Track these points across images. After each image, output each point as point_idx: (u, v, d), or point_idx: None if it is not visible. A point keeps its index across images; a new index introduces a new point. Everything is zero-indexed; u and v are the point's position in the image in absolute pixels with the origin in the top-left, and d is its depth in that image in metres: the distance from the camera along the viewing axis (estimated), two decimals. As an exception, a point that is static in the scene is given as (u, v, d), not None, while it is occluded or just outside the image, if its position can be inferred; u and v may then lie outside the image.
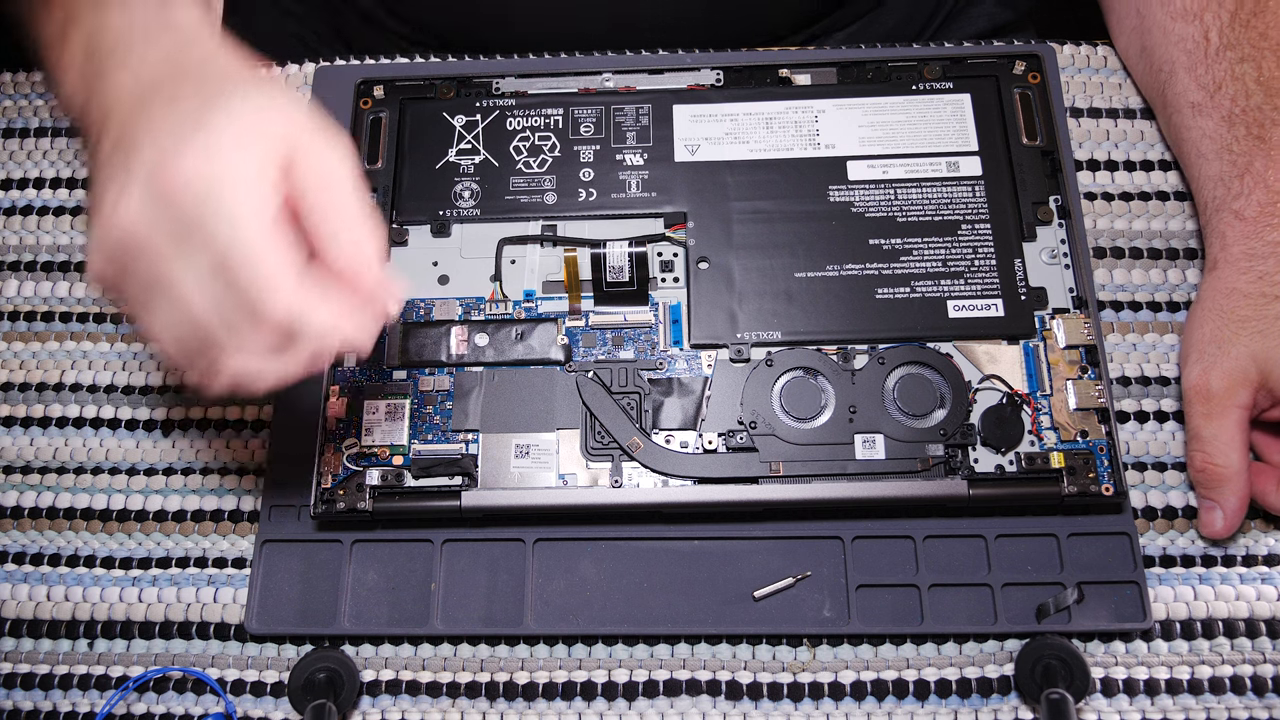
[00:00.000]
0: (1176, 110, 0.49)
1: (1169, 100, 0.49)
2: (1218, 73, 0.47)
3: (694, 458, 0.46)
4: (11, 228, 0.56)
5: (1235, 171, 0.45)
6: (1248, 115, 0.45)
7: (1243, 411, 0.44)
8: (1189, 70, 0.48)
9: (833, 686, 0.46)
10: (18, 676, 0.47)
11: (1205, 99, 0.47)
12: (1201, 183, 0.47)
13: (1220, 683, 0.45)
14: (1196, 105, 0.47)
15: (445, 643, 0.47)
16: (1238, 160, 0.45)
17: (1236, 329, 0.43)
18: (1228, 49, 0.46)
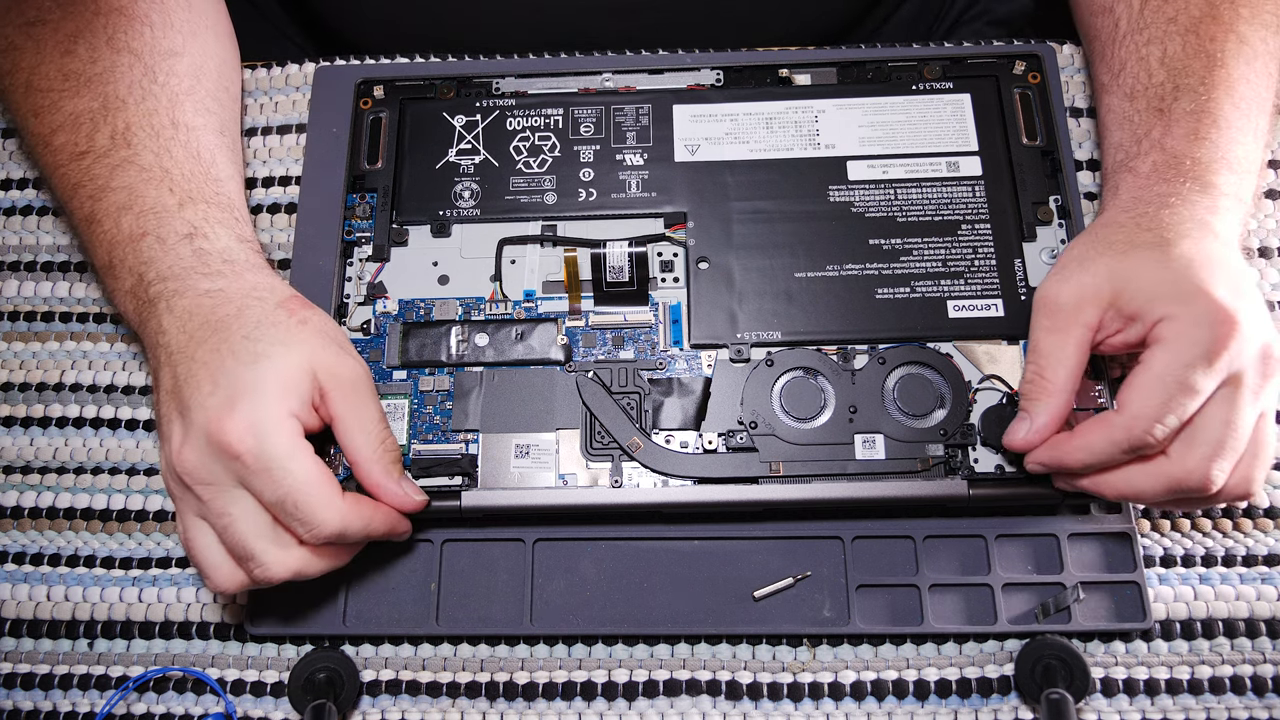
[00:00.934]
0: (1097, 88, 0.51)
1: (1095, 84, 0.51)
2: (1122, 54, 0.49)
3: (694, 458, 0.46)
4: (11, 228, 0.56)
5: (1134, 139, 0.47)
6: (1149, 91, 0.47)
7: (1086, 331, 0.42)
8: (1100, 57, 0.50)
9: (833, 686, 0.46)
10: (18, 676, 0.47)
11: (1110, 80, 0.49)
12: (1105, 151, 0.48)
13: (1220, 683, 0.45)
14: (1103, 85, 0.49)
15: (445, 643, 0.47)
16: (1136, 130, 0.47)
17: (1101, 250, 0.43)
18: (1134, 33, 0.48)
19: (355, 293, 0.50)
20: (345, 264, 0.50)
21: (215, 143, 0.49)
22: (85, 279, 0.55)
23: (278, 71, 0.58)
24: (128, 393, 0.52)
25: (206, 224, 0.46)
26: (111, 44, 0.49)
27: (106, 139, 0.47)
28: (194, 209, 0.46)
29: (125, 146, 0.47)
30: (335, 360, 0.43)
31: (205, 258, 0.45)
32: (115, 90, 0.48)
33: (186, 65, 0.50)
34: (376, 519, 0.43)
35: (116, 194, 0.46)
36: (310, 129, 0.56)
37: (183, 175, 0.47)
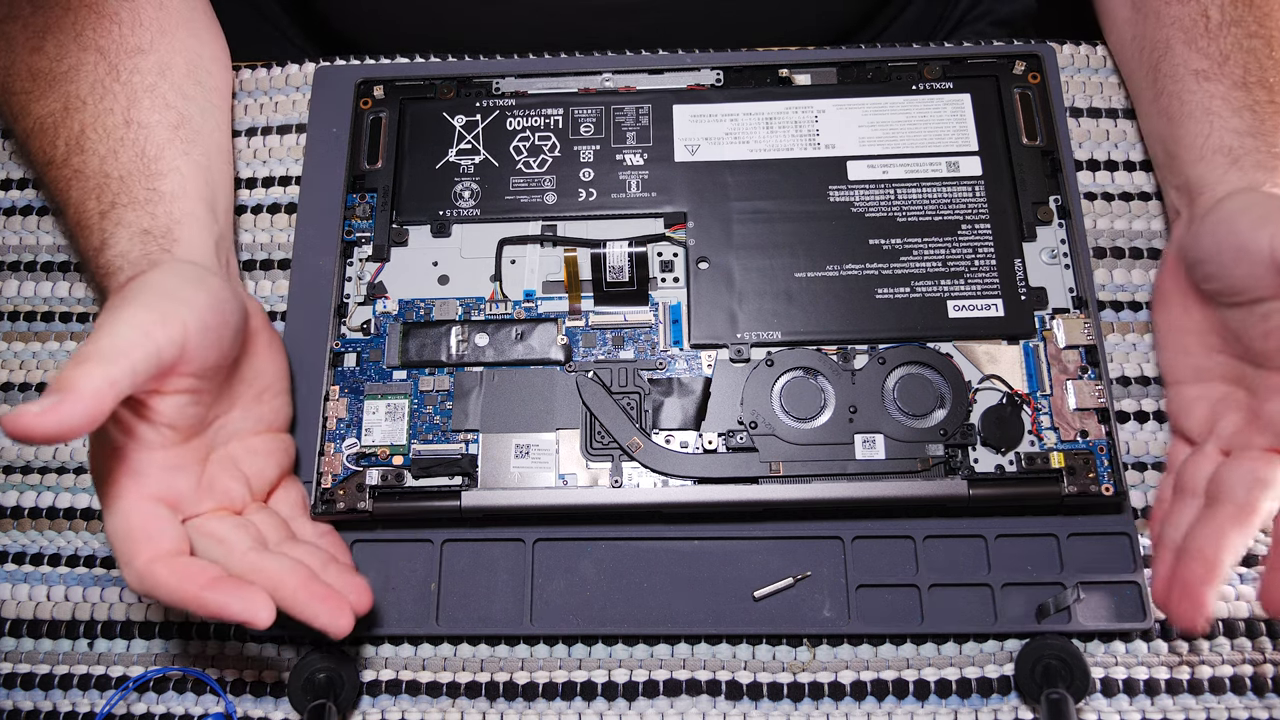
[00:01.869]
0: (1175, 79, 0.49)
1: (1164, 73, 0.49)
2: (1224, 45, 0.47)
3: (694, 458, 0.46)
4: (11, 228, 0.56)
5: (1265, 128, 0.46)
6: (1265, 83, 0.46)
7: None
8: (1188, 44, 0.48)
9: (833, 686, 0.46)
10: (18, 676, 0.47)
11: (1212, 67, 0.47)
12: (1216, 134, 0.46)
13: (1220, 683, 0.45)
14: (1202, 72, 0.48)
15: (445, 643, 0.47)
16: (1265, 119, 0.46)
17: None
18: (1232, 25, 0.47)
19: (355, 293, 0.50)
20: (345, 264, 0.50)
21: (167, 137, 0.48)
22: (85, 279, 0.55)
23: (278, 71, 0.58)
24: (128, 393, 0.52)
25: (115, 230, 0.45)
26: (79, 41, 0.48)
27: (64, 146, 0.47)
28: (112, 216, 0.45)
29: (78, 153, 0.47)
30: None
31: (101, 278, 0.45)
32: (77, 90, 0.47)
33: (152, 62, 0.49)
34: (194, 599, 0.38)
35: (70, 211, 0.47)
36: (310, 129, 0.56)
37: (120, 178, 0.46)
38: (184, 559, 0.39)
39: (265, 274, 0.54)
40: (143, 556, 0.38)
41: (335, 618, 0.40)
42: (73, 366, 0.36)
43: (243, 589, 0.38)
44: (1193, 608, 0.40)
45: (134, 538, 0.39)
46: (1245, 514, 0.40)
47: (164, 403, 0.40)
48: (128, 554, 0.39)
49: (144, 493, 0.40)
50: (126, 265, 0.44)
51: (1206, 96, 0.47)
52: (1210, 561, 0.40)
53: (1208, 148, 0.47)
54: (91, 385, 0.35)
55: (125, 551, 0.39)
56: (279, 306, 0.53)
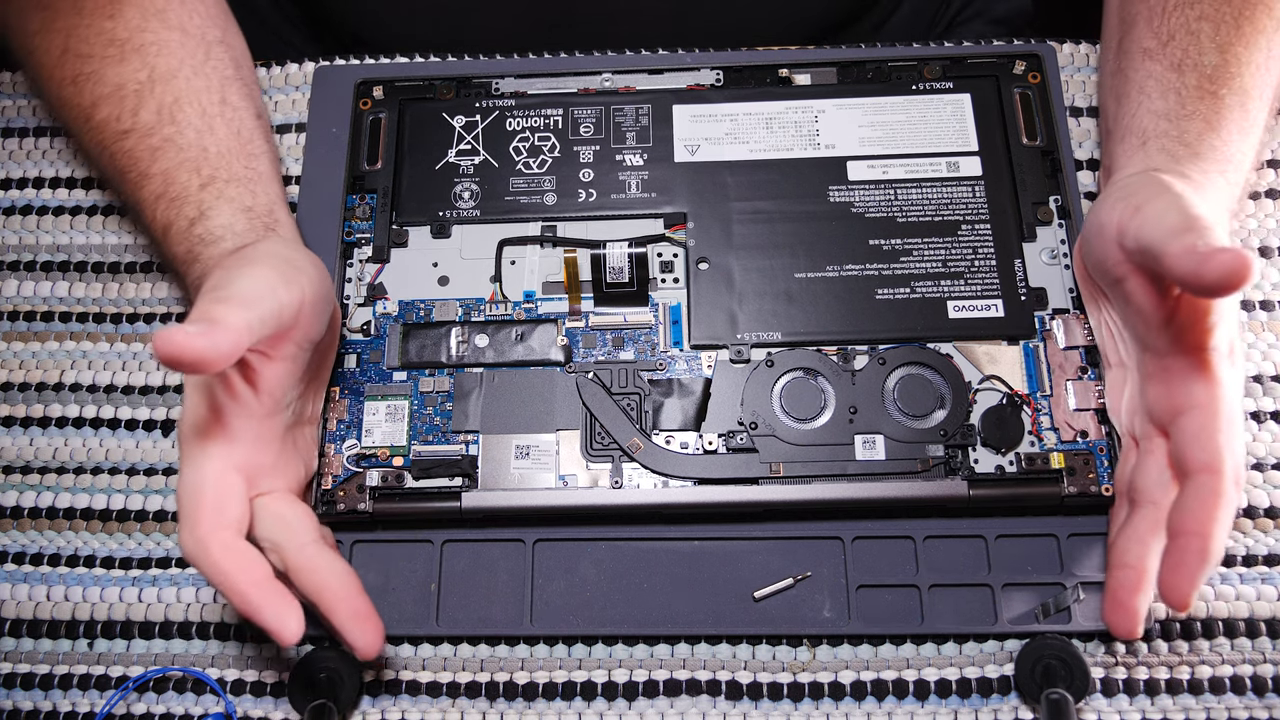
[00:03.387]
0: (1128, 55, 0.49)
1: (1123, 49, 0.50)
2: (1172, 24, 0.48)
3: (694, 458, 0.46)
4: (11, 228, 0.56)
5: (1184, 113, 0.46)
6: (1199, 69, 0.46)
7: None
8: (1148, 23, 0.49)
9: (833, 686, 0.46)
10: (18, 676, 0.47)
11: (1157, 46, 0.48)
12: (1140, 115, 0.47)
13: (1220, 683, 0.45)
14: (1148, 50, 0.48)
15: (445, 643, 0.47)
16: (1186, 103, 0.46)
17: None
18: (1187, 6, 0.48)
19: (355, 294, 0.50)
20: (345, 265, 0.50)
21: (254, 125, 0.50)
22: (85, 279, 0.55)
23: (277, 71, 0.58)
24: (128, 393, 0.52)
25: (215, 202, 0.46)
26: (163, 19, 0.49)
27: (152, 114, 0.47)
28: (212, 189, 0.46)
29: (170, 123, 0.47)
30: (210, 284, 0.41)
31: (196, 245, 0.45)
32: (166, 64, 0.48)
33: (229, 53, 0.51)
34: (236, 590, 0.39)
35: (155, 181, 0.46)
36: (310, 129, 0.56)
37: (219, 153, 0.47)
38: (242, 544, 0.40)
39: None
40: (205, 525, 0.39)
41: (371, 640, 0.41)
42: (214, 304, 0.37)
43: (283, 601, 0.39)
44: (1126, 617, 0.40)
45: (203, 504, 0.39)
46: (1162, 514, 0.40)
47: (269, 368, 0.41)
48: (193, 517, 0.39)
49: (230, 460, 0.40)
50: (231, 236, 0.45)
51: (1144, 76, 0.48)
52: (1135, 569, 0.40)
53: (1129, 128, 0.47)
54: (237, 321, 0.36)
55: (191, 514, 0.39)
56: (279, 307, 0.53)
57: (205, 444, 0.40)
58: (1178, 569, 0.37)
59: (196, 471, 0.39)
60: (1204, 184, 0.43)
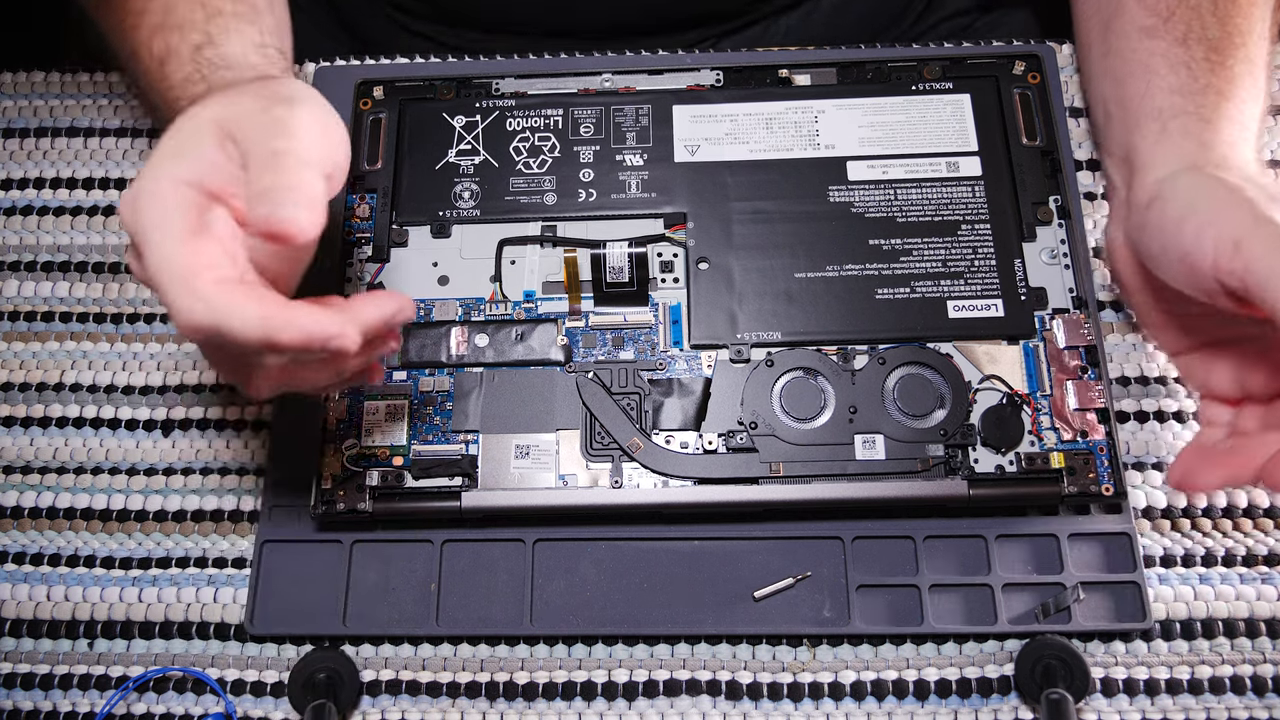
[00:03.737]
0: (1123, 36, 0.49)
1: (1114, 30, 0.50)
2: (1170, 1, 0.48)
3: (694, 458, 0.46)
4: (11, 228, 0.56)
5: (1197, 86, 0.46)
6: (1204, 41, 0.46)
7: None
8: (1139, 2, 0.49)
9: (833, 686, 0.46)
10: (18, 676, 0.47)
11: (1157, 24, 0.48)
12: (1151, 94, 0.47)
13: (1220, 683, 0.45)
14: (1147, 29, 0.48)
15: (445, 643, 0.47)
16: (1198, 76, 0.46)
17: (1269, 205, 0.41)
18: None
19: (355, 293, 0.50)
20: (345, 264, 0.50)
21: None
22: (85, 279, 0.55)
23: (278, 72, 0.58)
24: (128, 393, 0.52)
25: (224, 33, 0.45)
26: None
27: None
28: (219, 21, 0.45)
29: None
30: (249, 105, 0.38)
31: (204, 65, 0.44)
32: None
33: None
34: (284, 316, 0.34)
35: (154, 15, 0.46)
36: (310, 129, 0.56)
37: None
38: (253, 283, 0.36)
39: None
40: (206, 276, 0.34)
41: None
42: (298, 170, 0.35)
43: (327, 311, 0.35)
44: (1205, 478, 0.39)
45: (194, 261, 0.34)
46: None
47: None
48: (184, 280, 0.34)
49: (191, 225, 0.35)
50: (247, 67, 0.44)
51: (1147, 54, 0.48)
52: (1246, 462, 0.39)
53: (1142, 110, 0.47)
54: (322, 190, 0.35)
55: (184, 271, 0.34)
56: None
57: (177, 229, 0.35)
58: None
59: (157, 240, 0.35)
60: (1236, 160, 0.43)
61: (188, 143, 0.36)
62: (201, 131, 0.37)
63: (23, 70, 0.60)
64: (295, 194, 0.34)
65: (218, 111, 0.37)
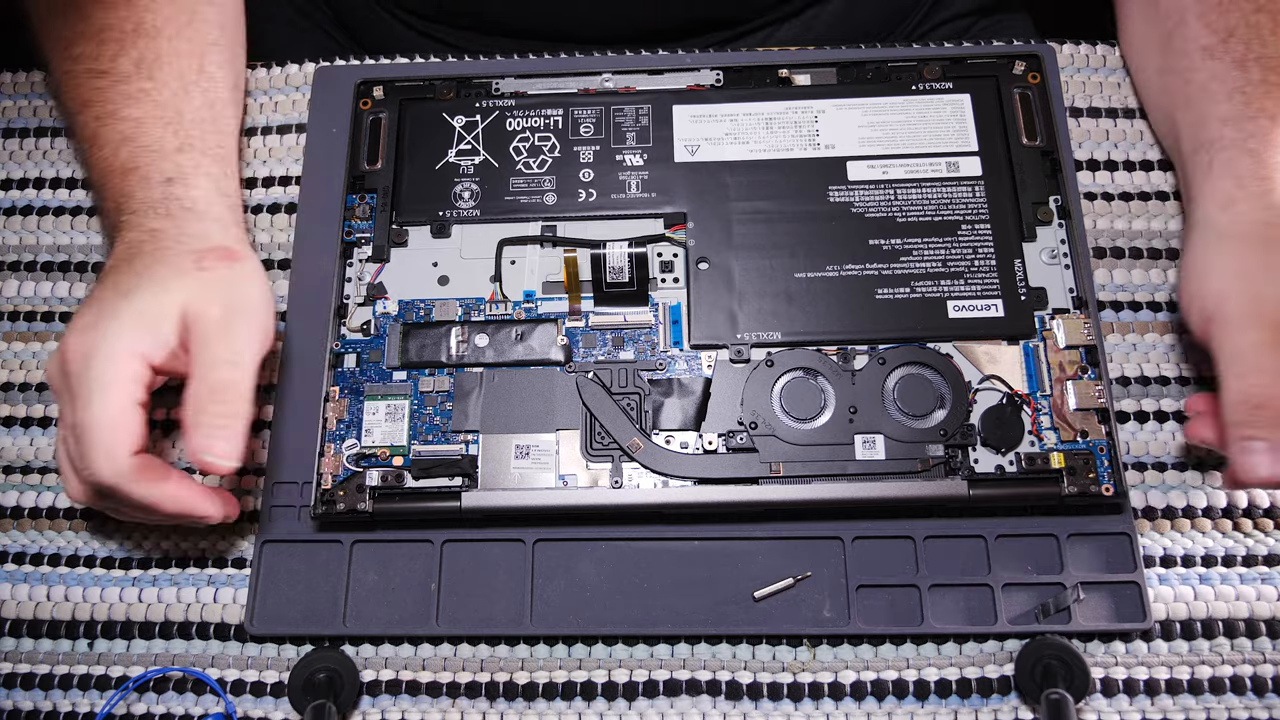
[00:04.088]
0: (1183, 54, 0.49)
1: (1175, 46, 0.50)
2: (1230, 20, 0.48)
3: (694, 458, 0.46)
4: (11, 228, 0.56)
5: (1249, 113, 0.46)
6: (1263, 61, 0.46)
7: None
8: (1200, 17, 0.49)
9: (833, 686, 0.46)
10: (18, 676, 0.47)
11: (1217, 43, 0.48)
12: (1206, 123, 0.47)
13: (1220, 683, 0.45)
14: (1208, 49, 0.48)
15: (445, 643, 0.47)
16: (1251, 102, 0.46)
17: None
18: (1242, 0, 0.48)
19: (355, 293, 0.50)
20: (345, 264, 0.50)
21: (228, 97, 0.51)
22: (85, 279, 0.55)
23: (277, 71, 0.58)
24: (128, 393, 0.52)
25: (194, 172, 0.47)
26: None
27: (131, 65, 0.47)
28: (189, 156, 0.47)
29: (148, 79, 0.47)
30: (210, 302, 0.43)
31: (171, 202, 0.46)
32: (153, 19, 0.48)
33: (217, 15, 0.51)
34: (169, 494, 0.42)
35: (123, 124, 0.47)
36: (310, 129, 0.56)
37: (194, 120, 0.48)
38: (150, 460, 0.42)
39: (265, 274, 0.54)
40: (127, 447, 0.40)
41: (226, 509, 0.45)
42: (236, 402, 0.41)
43: (210, 491, 0.43)
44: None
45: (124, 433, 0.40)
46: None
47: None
48: (109, 445, 0.40)
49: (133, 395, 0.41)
50: (211, 219, 0.46)
51: (1208, 76, 0.48)
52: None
53: (1197, 140, 0.47)
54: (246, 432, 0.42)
55: (106, 443, 0.40)
56: (279, 306, 0.53)
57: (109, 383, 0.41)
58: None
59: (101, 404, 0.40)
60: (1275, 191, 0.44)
61: (153, 323, 0.42)
62: (167, 317, 0.42)
63: (23, 70, 0.60)
64: (225, 431, 0.41)
65: (184, 300, 0.42)
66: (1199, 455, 0.49)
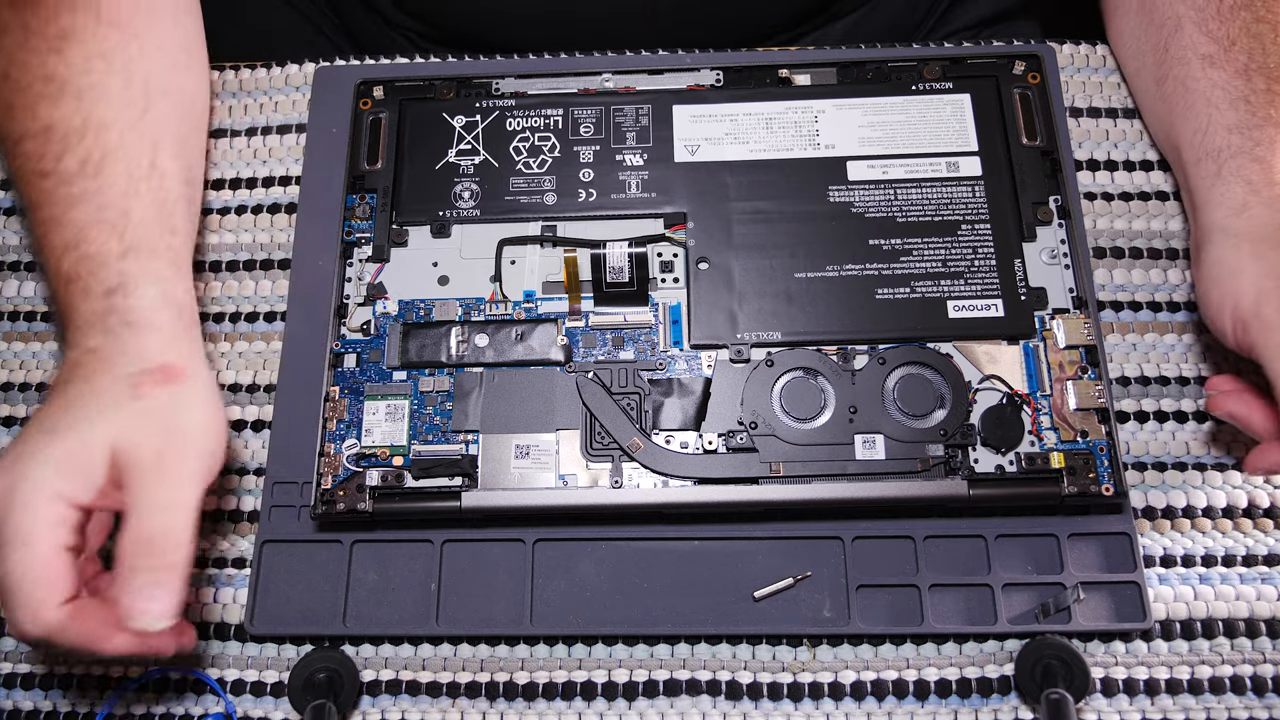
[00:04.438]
0: (1182, 62, 0.49)
1: (1172, 54, 0.49)
2: (1232, 29, 0.48)
3: (694, 458, 0.46)
4: (12, 228, 0.56)
5: (1255, 121, 0.46)
6: (1266, 70, 0.46)
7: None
8: (1199, 25, 0.48)
9: (833, 686, 0.46)
10: (18, 676, 0.47)
11: (1218, 52, 0.48)
12: (1211, 131, 0.47)
13: (1220, 683, 0.45)
14: (1209, 57, 0.48)
15: (445, 643, 0.47)
16: (1257, 110, 0.46)
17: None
18: (1241, 9, 0.48)
19: (355, 293, 0.50)
20: (345, 264, 0.50)
21: (180, 193, 0.47)
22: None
23: (277, 71, 0.58)
24: (128, 393, 0.52)
25: (139, 278, 0.43)
26: (107, 60, 0.46)
27: (76, 164, 0.44)
28: (135, 260, 0.44)
29: (93, 178, 0.44)
30: (144, 437, 0.40)
31: (111, 315, 0.43)
32: (102, 114, 0.45)
33: (173, 104, 0.48)
34: (108, 640, 0.38)
35: (66, 230, 0.44)
36: (310, 129, 0.56)
37: (140, 221, 0.44)
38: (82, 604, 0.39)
39: (265, 274, 0.54)
40: (52, 601, 0.38)
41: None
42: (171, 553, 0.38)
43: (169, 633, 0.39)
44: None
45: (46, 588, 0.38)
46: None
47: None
48: (34, 601, 0.37)
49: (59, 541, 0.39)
50: (155, 332, 0.43)
51: (1210, 85, 0.48)
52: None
53: (1203, 148, 0.47)
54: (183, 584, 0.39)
55: (33, 596, 0.37)
56: (279, 307, 0.53)
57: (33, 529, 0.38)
58: None
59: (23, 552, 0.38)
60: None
61: (79, 465, 0.39)
62: (95, 457, 0.39)
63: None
64: (159, 590, 0.38)
65: (114, 436, 0.39)
66: (1199, 455, 0.49)
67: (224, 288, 0.54)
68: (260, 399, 0.51)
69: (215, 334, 0.53)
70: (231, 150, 0.57)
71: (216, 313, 0.53)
